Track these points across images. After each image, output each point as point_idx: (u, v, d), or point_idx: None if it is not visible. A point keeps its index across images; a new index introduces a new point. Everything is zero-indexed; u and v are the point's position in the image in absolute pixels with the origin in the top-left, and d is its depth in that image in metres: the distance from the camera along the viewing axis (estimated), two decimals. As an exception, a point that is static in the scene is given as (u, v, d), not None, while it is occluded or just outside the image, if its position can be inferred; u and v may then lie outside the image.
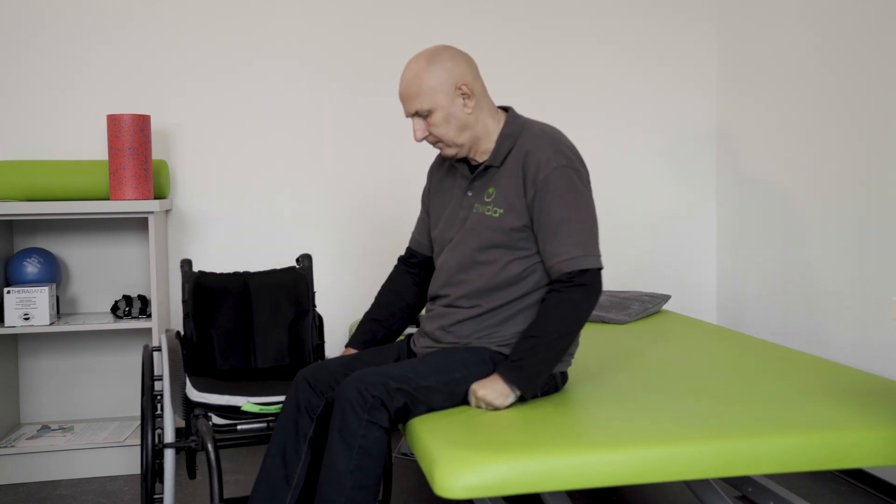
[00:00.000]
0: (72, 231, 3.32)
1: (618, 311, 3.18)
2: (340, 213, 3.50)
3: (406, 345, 2.24)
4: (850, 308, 2.88)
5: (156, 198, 3.20)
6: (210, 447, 2.04)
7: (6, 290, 2.94)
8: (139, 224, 3.36)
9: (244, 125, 3.42)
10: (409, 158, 3.54)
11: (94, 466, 3.04)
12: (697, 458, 1.71)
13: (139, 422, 3.30)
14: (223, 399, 2.21)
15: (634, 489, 2.81)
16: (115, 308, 3.18)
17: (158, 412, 2.49)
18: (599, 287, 1.98)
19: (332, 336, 3.53)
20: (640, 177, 3.73)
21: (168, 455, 2.39)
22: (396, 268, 2.37)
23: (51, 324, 2.99)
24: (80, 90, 3.30)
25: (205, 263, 3.42)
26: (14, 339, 3.27)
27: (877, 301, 2.76)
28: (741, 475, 1.75)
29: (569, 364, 2.14)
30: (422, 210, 2.34)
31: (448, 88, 2.02)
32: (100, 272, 3.34)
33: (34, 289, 2.96)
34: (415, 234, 2.35)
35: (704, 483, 2.41)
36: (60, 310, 3.31)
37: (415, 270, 2.35)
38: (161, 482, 2.50)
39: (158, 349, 2.65)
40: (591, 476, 1.67)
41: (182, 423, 3.41)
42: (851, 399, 2.02)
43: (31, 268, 3.09)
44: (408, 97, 2.04)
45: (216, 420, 2.25)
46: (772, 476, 2.96)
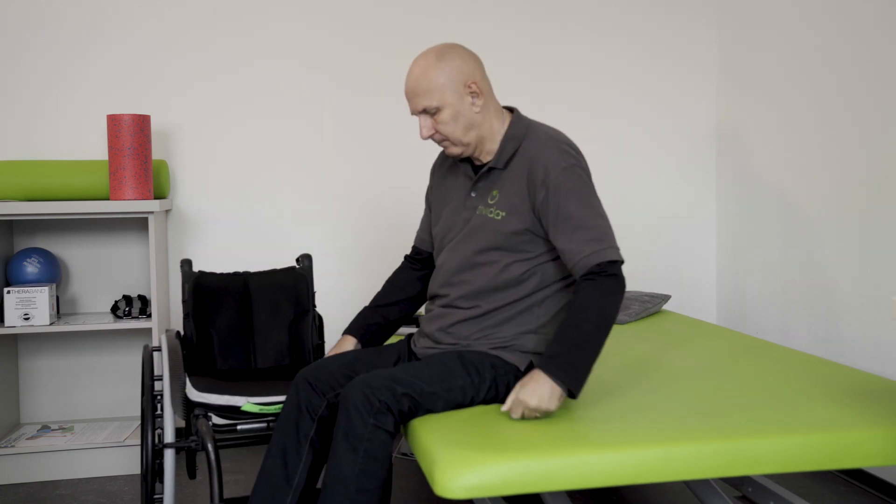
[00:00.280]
0: (72, 231, 3.32)
1: (618, 312, 3.17)
2: (340, 213, 3.50)
3: (406, 345, 2.24)
4: (850, 308, 2.88)
5: (156, 198, 3.20)
6: (210, 447, 2.04)
7: (6, 290, 2.94)
8: (139, 224, 3.36)
9: (244, 125, 3.42)
10: (410, 158, 3.54)
11: (94, 466, 3.04)
12: (697, 458, 1.71)
13: (139, 422, 3.30)
14: (223, 399, 2.21)
15: (634, 489, 2.81)
16: (115, 308, 3.18)
17: (158, 412, 2.49)
18: (624, 279, 1.95)
19: (332, 336, 3.53)
20: (640, 177, 3.73)
21: (168, 455, 2.39)
22: (402, 264, 2.38)
23: (51, 324, 2.99)
24: (80, 90, 3.30)
25: (205, 263, 3.42)
26: (14, 339, 3.27)
27: (877, 301, 2.76)
28: (741, 475, 1.75)
29: None
30: (426, 208, 2.34)
31: (457, 86, 2.00)
32: (100, 272, 3.34)
33: (34, 289, 2.96)
34: (419, 233, 2.35)
35: (704, 483, 2.41)
36: (60, 310, 3.31)
37: (418, 266, 2.35)
38: (161, 482, 2.50)
39: (158, 349, 2.65)
40: (591, 476, 1.67)
41: (182, 423, 3.41)
42: (851, 399, 2.02)
43: (31, 268, 3.09)
44: (415, 94, 2.02)
45: (216, 420, 2.25)
46: (772, 476, 2.96)
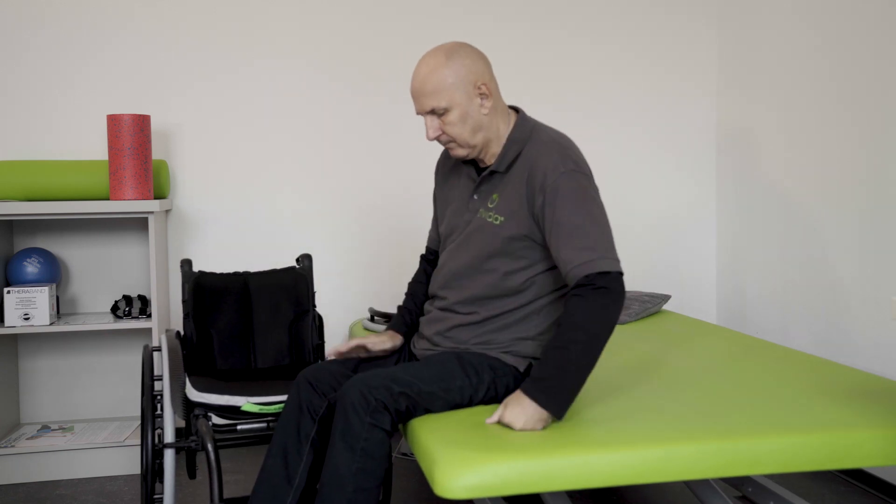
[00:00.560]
0: (72, 231, 3.32)
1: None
2: (340, 213, 3.50)
3: (405, 346, 2.24)
4: (850, 308, 2.88)
5: (156, 198, 3.20)
6: (210, 447, 2.04)
7: (6, 290, 2.94)
8: (139, 224, 3.36)
9: (244, 125, 3.42)
10: (410, 158, 3.54)
11: (94, 466, 3.04)
12: (697, 458, 1.71)
13: (139, 422, 3.30)
14: (223, 399, 2.21)
15: (634, 489, 2.81)
16: (115, 308, 3.18)
17: (158, 412, 2.49)
18: (622, 291, 1.86)
19: (332, 336, 3.53)
20: (640, 177, 3.73)
21: (168, 455, 2.39)
22: (420, 265, 2.34)
23: (51, 324, 2.99)
24: (80, 90, 3.30)
25: (205, 263, 3.42)
26: (14, 339, 3.27)
27: (877, 301, 2.76)
28: (741, 475, 1.75)
29: None
30: (434, 206, 2.31)
31: (467, 87, 1.95)
32: (100, 272, 3.34)
33: (34, 289, 2.96)
34: (431, 232, 2.33)
35: (704, 483, 2.41)
36: (60, 310, 3.31)
37: (432, 269, 2.32)
38: (161, 482, 2.50)
39: (158, 349, 2.65)
40: (591, 476, 1.67)
41: (182, 423, 3.41)
42: (851, 399, 2.02)
43: (31, 268, 3.09)
44: (423, 93, 1.96)
45: (216, 420, 2.25)
46: (772, 476, 2.96)
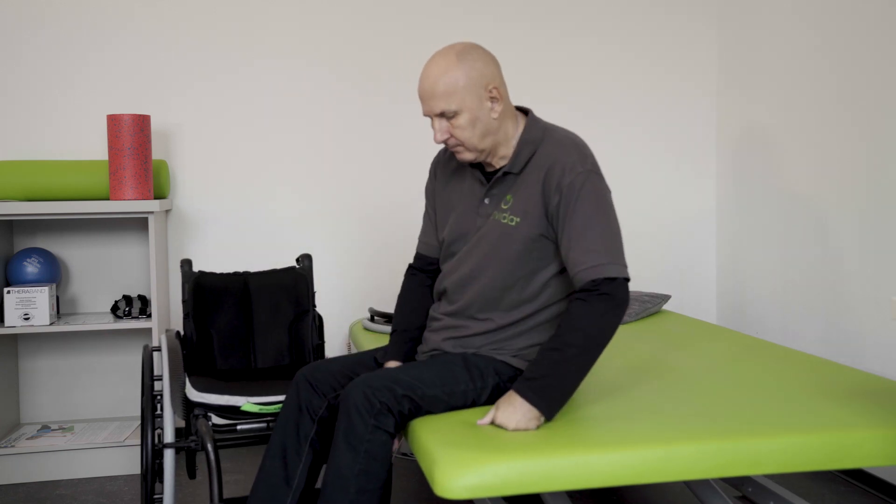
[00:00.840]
0: (72, 231, 3.32)
1: (618, 311, 3.17)
2: (340, 213, 3.50)
3: None
4: (850, 308, 2.88)
5: (156, 198, 3.20)
6: (210, 447, 2.04)
7: (6, 290, 2.94)
8: (139, 224, 3.36)
9: (244, 125, 3.42)
10: (410, 158, 3.54)
11: (94, 466, 3.04)
12: (697, 458, 1.71)
13: (139, 422, 3.30)
14: (223, 399, 2.21)
15: (634, 489, 2.81)
16: (115, 308, 3.18)
17: (158, 412, 2.49)
18: (625, 298, 1.85)
19: (332, 336, 3.53)
20: (640, 177, 3.73)
21: (168, 455, 2.39)
22: (410, 279, 2.21)
23: (51, 324, 2.99)
24: (80, 90, 3.30)
25: (205, 263, 3.42)
26: (14, 339, 3.27)
27: (877, 301, 2.76)
28: (741, 475, 1.75)
29: None
30: (429, 209, 2.20)
31: (478, 90, 1.90)
32: (100, 272, 3.34)
33: (34, 289, 2.96)
34: (424, 238, 2.21)
35: (704, 483, 2.41)
36: (60, 310, 3.31)
37: (428, 277, 2.20)
38: (161, 482, 2.50)
39: (158, 349, 2.65)
40: (591, 476, 1.67)
41: (182, 423, 3.41)
42: (851, 399, 2.02)
43: (31, 268, 3.09)
44: (433, 95, 1.90)
45: (216, 420, 2.25)
46: (772, 476, 2.95)
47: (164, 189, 3.22)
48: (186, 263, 2.54)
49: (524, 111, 2.05)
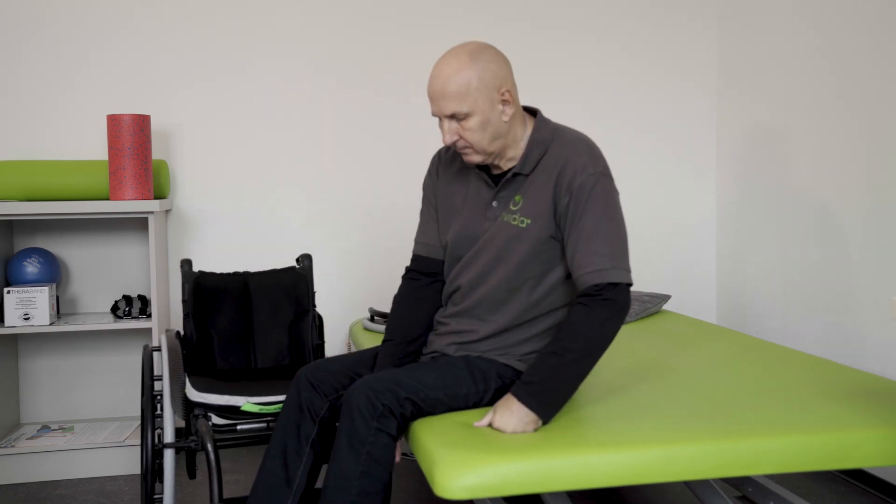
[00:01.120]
0: (72, 231, 3.32)
1: (618, 311, 3.17)
2: (340, 213, 3.50)
3: None
4: (850, 308, 2.88)
5: (156, 198, 3.20)
6: (210, 447, 2.04)
7: (6, 290, 2.94)
8: (139, 224, 3.36)
9: (244, 125, 3.42)
10: (411, 158, 3.54)
11: (94, 466, 3.04)
12: (697, 458, 1.71)
13: (139, 422, 3.30)
14: (223, 399, 2.21)
15: (634, 489, 2.81)
16: (115, 308, 3.18)
17: (158, 412, 2.49)
18: (627, 304, 1.84)
19: (332, 336, 3.53)
20: (641, 177, 3.73)
21: (168, 455, 2.39)
22: (409, 284, 2.14)
23: (51, 324, 2.99)
24: (80, 90, 3.30)
25: (205, 263, 3.42)
26: (14, 339, 3.27)
27: (877, 301, 2.76)
28: (741, 475, 1.75)
29: None
30: (427, 209, 2.15)
31: (491, 92, 1.86)
32: (100, 272, 3.34)
33: (34, 289, 2.96)
34: (422, 240, 2.14)
35: (704, 483, 2.41)
36: (60, 310, 3.31)
37: (427, 281, 2.13)
38: (161, 482, 2.50)
39: (158, 349, 2.65)
40: (592, 476, 1.67)
41: (182, 423, 3.41)
42: (851, 399, 2.02)
43: (31, 268, 3.09)
44: (443, 96, 1.85)
45: (216, 420, 2.25)
46: (772, 476, 2.95)
47: (164, 189, 3.22)
48: (186, 263, 2.54)
49: (532, 111, 2.02)
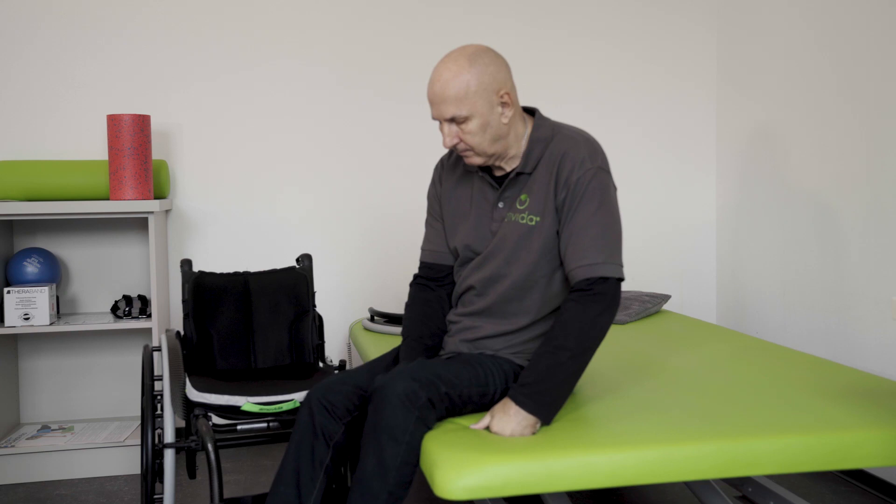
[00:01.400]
0: (72, 231, 3.32)
1: (618, 311, 3.18)
2: (340, 213, 3.50)
3: None
4: (850, 308, 2.88)
5: (156, 198, 3.20)
6: (210, 447, 2.04)
7: (6, 290, 2.94)
8: (139, 224, 3.36)
9: (244, 125, 3.42)
10: (411, 158, 3.54)
11: (94, 466, 3.04)
12: (697, 459, 1.71)
13: (139, 422, 3.30)
14: (223, 399, 2.21)
15: (634, 489, 2.81)
16: (115, 308, 3.18)
17: (158, 412, 2.49)
18: (618, 299, 1.86)
19: (332, 336, 3.53)
20: (640, 177, 3.73)
21: (168, 455, 2.39)
22: (421, 291, 2.13)
23: (51, 324, 2.99)
24: (80, 90, 3.30)
25: (205, 263, 3.42)
26: (14, 339, 3.27)
27: (877, 301, 2.76)
28: (741, 476, 1.75)
29: None
30: (432, 217, 2.14)
31: (489, 95, 1.86)
32: (100, 272, 3.34)
33: (34, 289, 2.96)
34: (430, 247, 2.13)
35: (704, 483, 2.41)
36: (60, 310, 3.31)
37: (437, 286, 2.12)
38: (161, 482, 2.50)
39: (158, 349, 2.65)
40: (592, 477, 1.67)
41: (182, 423, 3.41)
42: (851, 399, 2.02)
43: (31, 268, 3.09)
44: (443, 100, 1.86)
45: (216, 420, 2.25)
46: (772, 476, 2.95)
47: (164, 189, 3.22)
48: (186, 263, 2.54)
49: (530, 111, 2.03)
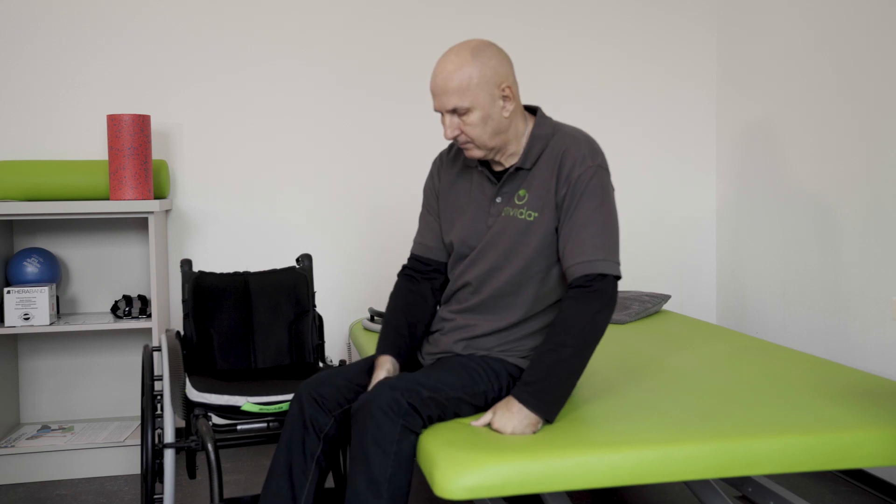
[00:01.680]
0: (72, 231, 3.32)
1: (618, 311, 3.18)
2: (340, 213, 3.50)
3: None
4: (850, 308, 2.88)
5: (156, 198, 3.20)
6: (210, 447, 2.04)
7: (6, 290, 2.94)
8: (139, 224, 3.36)
9: (244, 125, 3.42)
10: (411, 157, 3.54)
11: (94, 466, 3.04)
12: (697, 458, 1.71)
13: (139, 422, 3.30)
14: (223, 399, 2.21)
15: (634, 489, 2.81)
16: (115, 308, 3.18)
17: (158, 412, 2.49)
18: (615, 296, 1.88)
19: (332, 336, 3.53)
20: (640, 176, 3.73)
21: (168, 455, 2.39)
22: (406, 281, 2.15)
23: (51, 324, 2.99)
24: (80, 90, 3.30)
25: (205, 263, 3.42)
26: (14, 339, 3.27)
27: (877, 301, 2.76)
28: (741, 475, 1.75)
29: None
30: (427, 212, 2.16)
31: (491, 88, 1.90)
32: (100, 272, 3.34)
33: (34, 289, 2.96)
34: (422, 240, 2.16)
35: (704, 483, 2.41)
36: (60, 310, 3.31)
37: (424, 278, 2.15)
38: (161, 482, 2.50)
39: (158, 349, 2.65)
40: (592, 476, 1.67)
41: (182, 423, 3.41)
42: (851, 399, 2.02)
43: (31, 268, 3.09)
44: (445, 91, 1.90)
45: (216, 420, 2.25)
46: (772, 476, 2.96)
47: (164, 189, 3.22)
48: (186, 263, 2.54)
49: (532, 110, 2.06)
